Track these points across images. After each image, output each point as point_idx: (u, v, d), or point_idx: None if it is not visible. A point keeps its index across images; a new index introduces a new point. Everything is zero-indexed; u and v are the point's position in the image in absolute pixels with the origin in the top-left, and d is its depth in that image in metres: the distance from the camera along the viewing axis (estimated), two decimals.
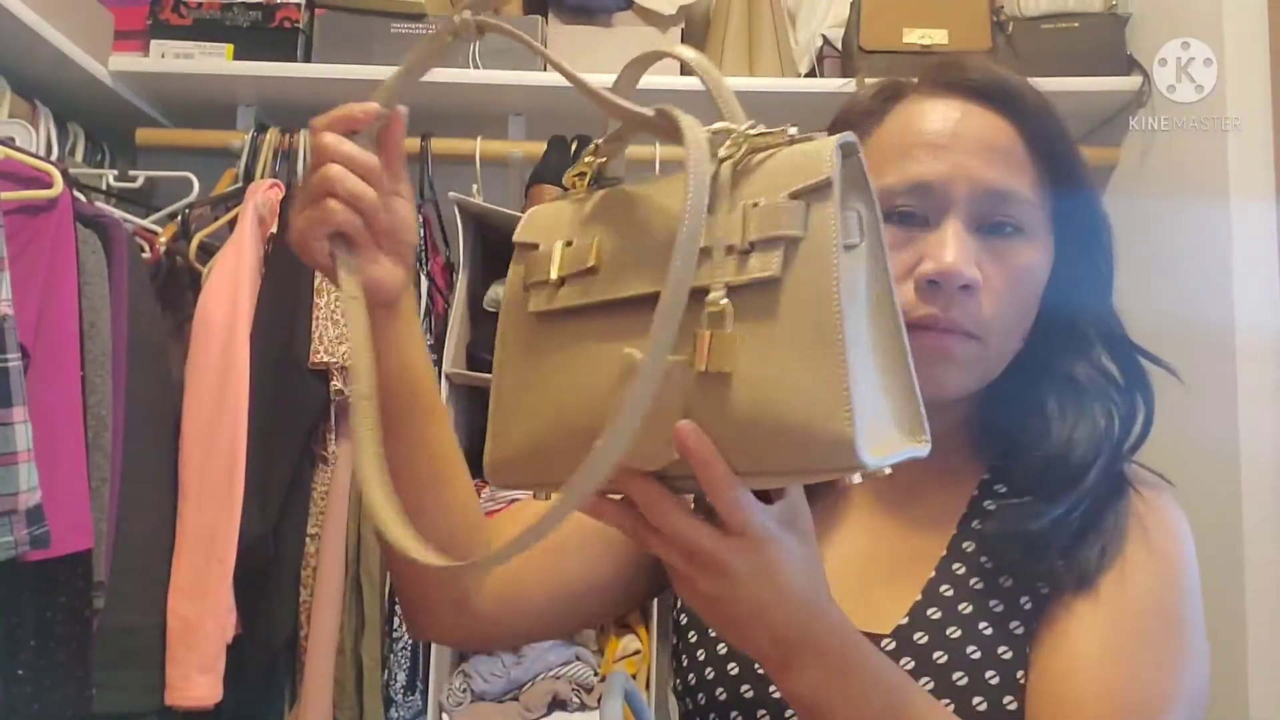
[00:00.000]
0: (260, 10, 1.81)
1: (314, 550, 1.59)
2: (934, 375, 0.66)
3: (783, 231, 0.49)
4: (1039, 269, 0.70)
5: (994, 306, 0.67)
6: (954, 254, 0.66)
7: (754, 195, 0.51)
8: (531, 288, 0.58)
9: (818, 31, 1.93)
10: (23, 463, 1.13)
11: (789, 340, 0.48)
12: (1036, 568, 0.67)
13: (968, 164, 0.68)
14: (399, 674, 1.59)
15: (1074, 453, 0.68)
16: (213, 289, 1.54)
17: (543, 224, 0.61)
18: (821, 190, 0.50)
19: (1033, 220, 0.69)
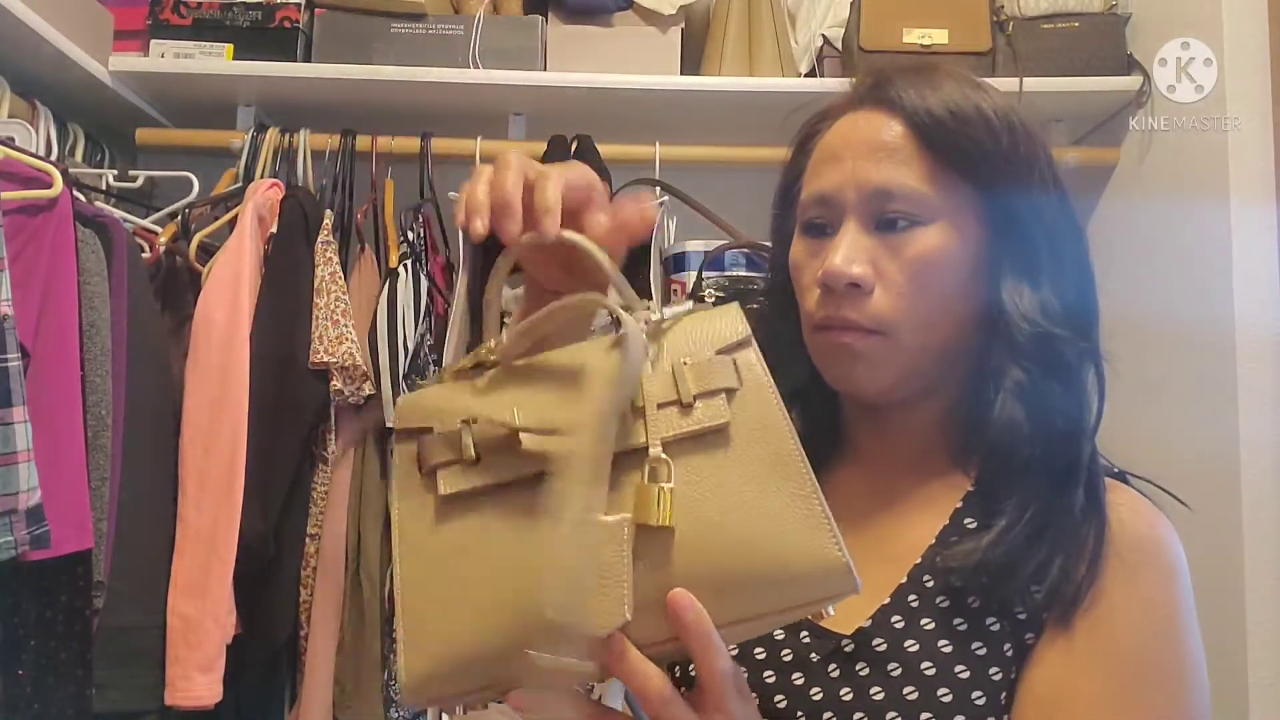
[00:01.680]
0: (260, 10, 1.81)
1: (314, 550, 1.60)
2: (842, 372, 0.70)
3: (721, 384, 0.53)
4: (943, 256, 0.69)
5: (895, 301, 0.68)
6: (839, 256, 0.68)
7: (679, 354, 0.54)
8: (439, 470, 0.54)
9: (818, 31, 1.93)
10: (23, 463, 1.13)
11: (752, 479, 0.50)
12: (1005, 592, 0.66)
13: (857, 167, 0.70)
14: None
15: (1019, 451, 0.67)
16: (213, 289, 1.54)
17: (425, 410, 0.57)
18: (742, 345, 0.55)
19: (930, 210, 0.69)
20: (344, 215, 1.76)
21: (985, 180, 0.70)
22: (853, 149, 0.71)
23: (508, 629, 0.50)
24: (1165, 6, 1.79)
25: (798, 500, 0.49)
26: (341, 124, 1.79)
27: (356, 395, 1.60)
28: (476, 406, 0.56)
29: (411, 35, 1.81)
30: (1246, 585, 1.47)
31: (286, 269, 1.60)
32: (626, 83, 1.81)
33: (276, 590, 1.54)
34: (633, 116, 1.90)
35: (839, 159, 0.72)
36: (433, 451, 0.55)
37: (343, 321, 1.59)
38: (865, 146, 0.71)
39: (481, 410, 0.55)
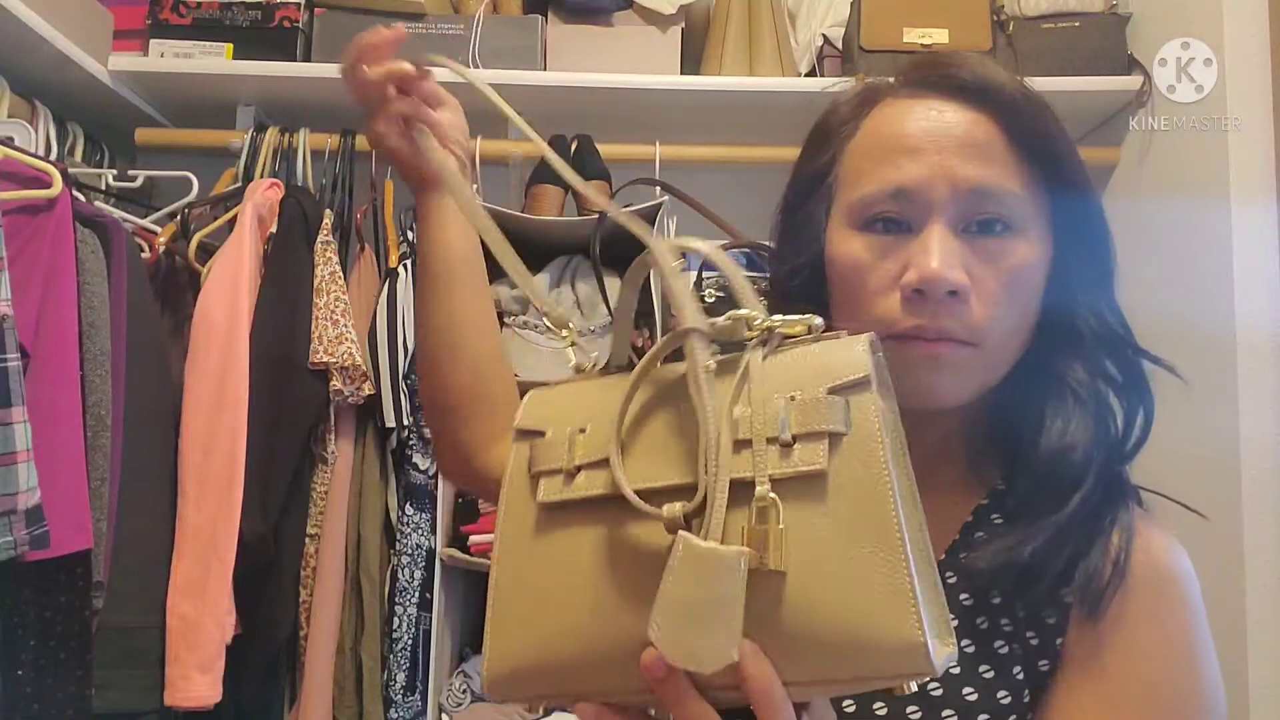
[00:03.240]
0: (259, 10, 1.81)
1: (314, 550, 1.60)
2: (928, 383, 0.64)
3: (827, 426, 0.48)
4: (1033, 267, 0.66)
5: (988, 310, 0.64)
6: (938, 259, 0.62)
7: (790, 387, 0.50)
8: (542, 476, 0.54)
9: (818, 31, 1.93)
10: (22, 463, 1.13)
11: (842, 537, 0.47)
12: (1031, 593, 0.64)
13: (947, 163, 0.65)
14: (399, 674, 1.59)
15: (1067, 461, 0.65)
16: (212, 289, 1.54)
17: (547, 410, 0.58)
18: (859, 386, 0.49)
19: (1023, 216, 0.66)
20: (344, 215, 1.76)
21: (1062, 185, 0.67)
22: (938, 141, 0.65)
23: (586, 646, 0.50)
24: (1165, 6, 1.79)
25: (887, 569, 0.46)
26: (341, 124, 1.79)
27: (356, 395, 1.60)
28: (593, 414, 0.55)
29: (411, 35, 1.80)
30: (1246, 585, 1.47)
31: (286, 269, 1.60)
32: (626, 83, 1.81)
33: (276, 590, 1.54)
34: (633, 116, 1.90)
35: (919, 150, 0.65)
36: (540, 456, 0.55)
37: (342, 321, 1.59)
38: (955, 141, 0.65)
39: (596, 419, 0.54)
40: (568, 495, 0.53)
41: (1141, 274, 1.70)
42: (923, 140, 0.66)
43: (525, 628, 0.53)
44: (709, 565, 0.46)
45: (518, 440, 0.57)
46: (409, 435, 1.65)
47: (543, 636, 0.52)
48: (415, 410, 1.65)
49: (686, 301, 0.53)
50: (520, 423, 0.58)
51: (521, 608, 0.53)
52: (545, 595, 0.52)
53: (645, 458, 0.52)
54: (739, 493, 0.48)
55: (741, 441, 0.49)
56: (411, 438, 1.65)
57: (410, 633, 1.61)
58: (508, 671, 0.53)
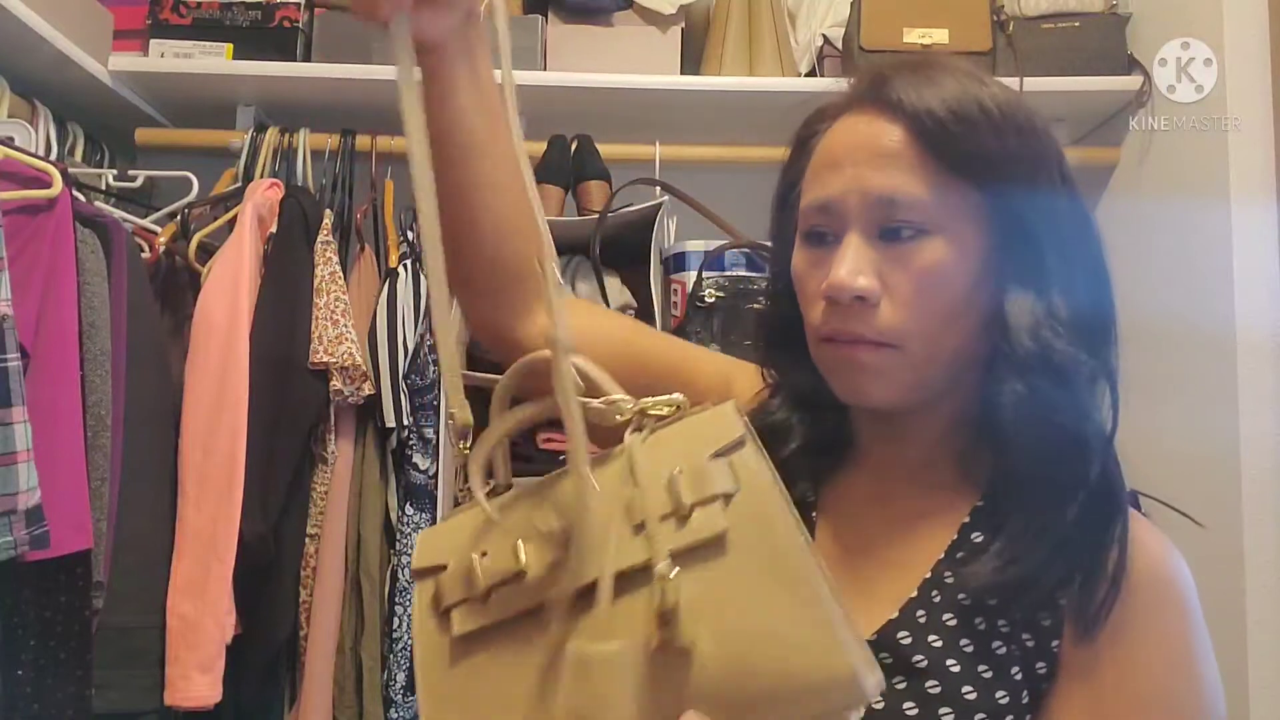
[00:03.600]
0: (259, 10, 1.81)
1: (314, 550, 1.60)
2: (850, 384, 0.68)
3: (719, 489, 0.50)
4: (950, 267, 0.67)
5: (902, 312, 0.66)
6: (845, 268, 0.66)
7: (674, 463, 0.51)
8: (453, 610, 0.54)
9: (818, 31, 1.93)
10: (22, 463, 1.13)
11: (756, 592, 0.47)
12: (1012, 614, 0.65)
13: (860, 174, 0.67)
14: (399, 674, 1.59)
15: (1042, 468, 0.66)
16: (212, 289, 1.54)
17: (441, 544, 0.57)
18: (737, 445, 0.51)
19: (935, 218, 0.66)
20: (344, 215, 1.76)
21: (990, 184, 0.67)
22: (853, 155, 0.69)
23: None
24: (1165, 6, 1.79)
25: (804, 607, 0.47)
26: (341, 124, 1.79)
27: (356, 395, 1.60)
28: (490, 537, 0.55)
29: None
30: (1246, 585, 1.47)
31: (286, 269, 1.60)
32: (626, 83, 1.81)
33: (276, 590, 1.54)
34: (633, 116, 1.90)
35: (839, 165, 0.69)
36: (446, 590, 0.55)
37: (342, 321, 1.59)
38: (866, 152, 0.68)
39: (492, 542, 0.55)
40: (484, 620, 0.53)
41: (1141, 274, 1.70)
42: (842, 154, 0.69)
43: None
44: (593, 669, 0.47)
45: (419, 579, 0.57)
46: (409, 435, 1.65)
47: None
48: (415, 410, 1.65)
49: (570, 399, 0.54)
50: (416, 563, 0.58)
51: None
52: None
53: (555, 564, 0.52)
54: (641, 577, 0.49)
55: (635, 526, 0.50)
56: (411, 438, 1.65)
57: (410, 633, 1.61)
58: None
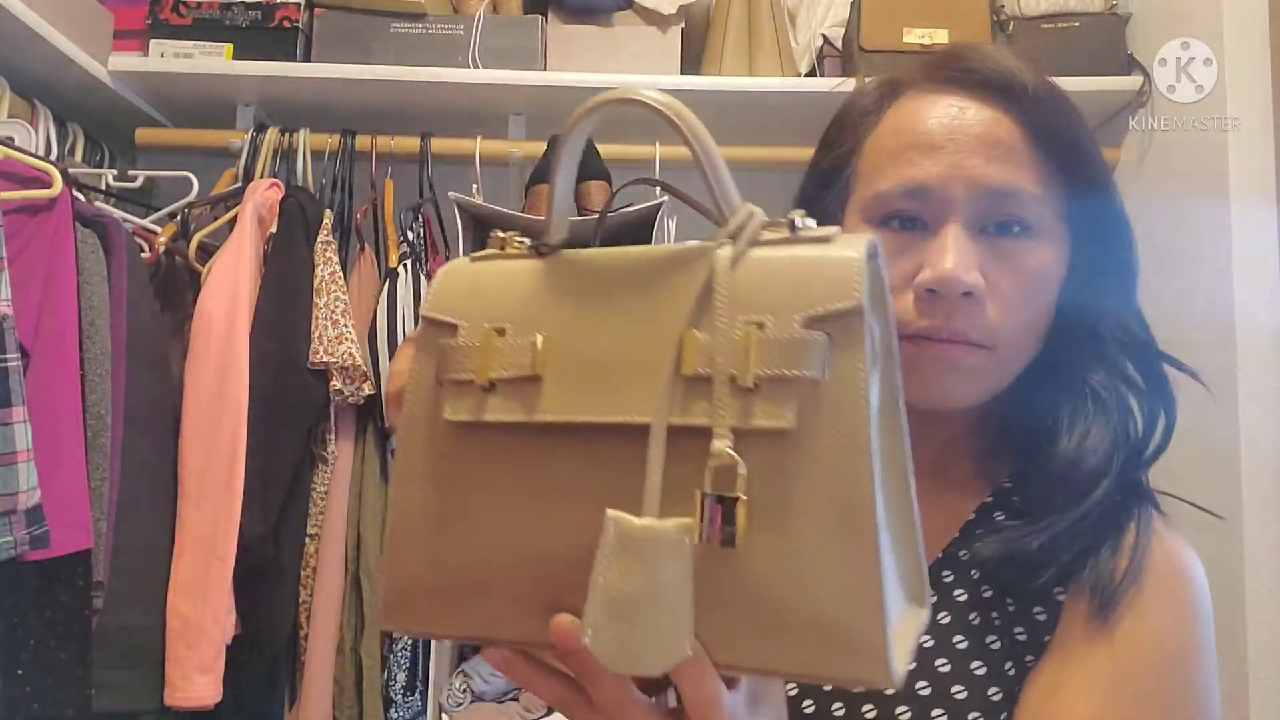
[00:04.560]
0: (260, 10, 1.81)
1: (314, 550, 1.60)
2: (940, 386, 0.63)
3: (798, 371, 0.39)
4: (1051, 270, 0.65)
5: (1003, 313, 0.63)
6: (953, 260, 0.61)
7: (757, 310, 0.40)
8: (449, 387, 0.45)
9: (818, 31, 1.93)
10: (22, 463, 1.13)
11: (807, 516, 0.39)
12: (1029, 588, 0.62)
13: (966, 162, 0.63)
14: (398, 674, 1.59)
15: (1085, 462, 0.63)
16: (212, 289, 1.54)
17: (464, 294, 0.47)
18: (847, 320, 0.39)
19: (1041, 218, 0.64)
20: (344, 215, 1.76)
21: (1083, 186, 0.66)
22: (956, 139, 0.64)
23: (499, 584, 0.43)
24: (1165, 6, 1.79)
25: (855, 564, 0.39)
26: (341, 124, 1.79)
27: (356, 395, 1.60)
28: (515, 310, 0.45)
29: (411, 35, 1.81)
30: (1246, 584, 1.47)
31: (286, 269, 1.60)
32: (626, 82, 1.80)
33: (276, 590, 1.54)
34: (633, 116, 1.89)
35: (937, 148, 0.64)
36: (449, 361, 0.45)
37: (342, 321, 1.59)
38: (975, 140, 0.64)
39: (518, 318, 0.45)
40: (478, 417, 0.44)
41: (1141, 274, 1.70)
42: (942, 138, 0.64)
43: (431, 551, 0.45)
44: (645, 548, 0.38)
45: (425, 334, 0.47)
46: None
47: (451, 564, 0.44)
48: None
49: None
50: (431, 308, 0.47)
51: (428, 529, 0.45)
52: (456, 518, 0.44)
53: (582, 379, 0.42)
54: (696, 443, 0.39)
55: (699, 378, 0.40)
56: None
57: None
58: (407, 596, 0.46)
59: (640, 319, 0.42)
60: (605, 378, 0.42)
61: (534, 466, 0.43)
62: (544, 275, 0.46)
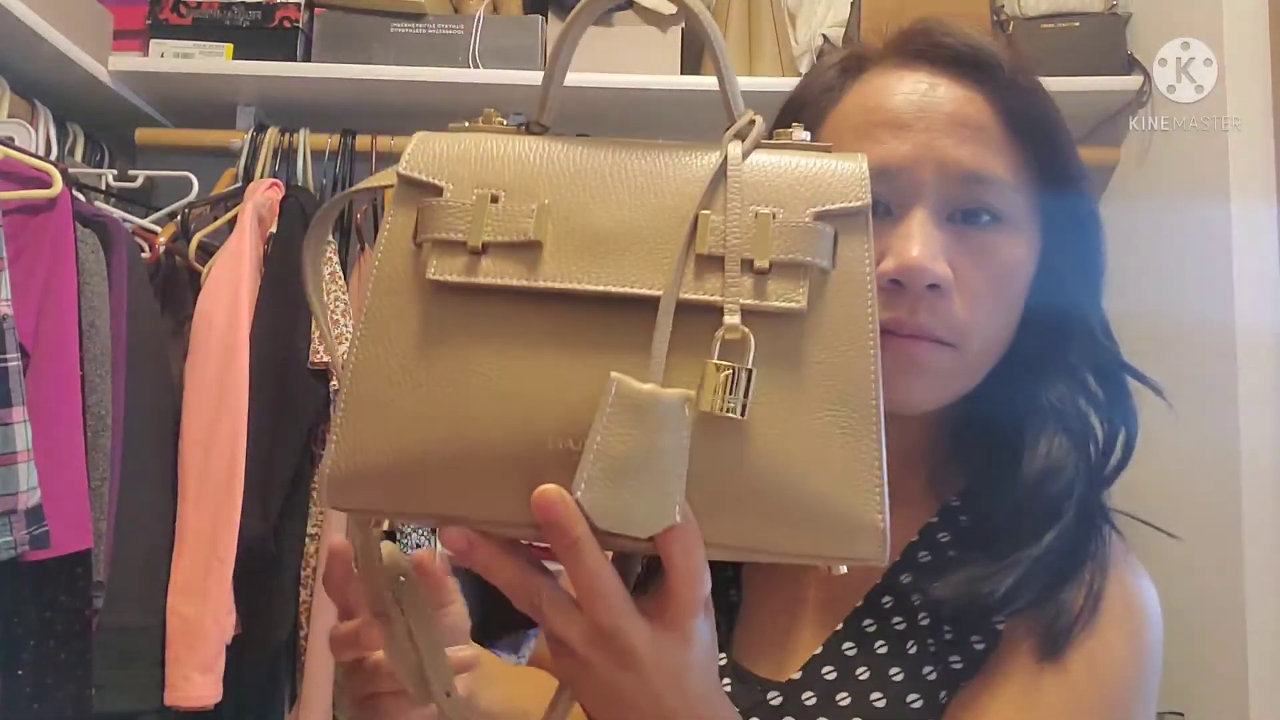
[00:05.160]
0: (260, 10, 1.81)
1: (314, 550, 1.59)
2: (902, 387, 0.57)
3: (809, 258, 0.41)
4: (1022, 265, 0.60)
5: (970, 308, 0.58)
6: (919, 248, 0.56)
7: (767, 202, 0.42)
8: (434, 246, 0.43)
9: (818, 31, 1.93)
10: (22, 463, 1.13)
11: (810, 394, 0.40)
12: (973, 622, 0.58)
13: (935, 143, 0.58)
14: None
15: (1050, 485, 0.58)
16: (212, 289, 1.54)
17: (449, 158, 0.45)
18: (854, 219, 0.42)
19: (1014, 208, 0.59)
20: (344, 215, 1.75)
21: (1056, 178, 0.61)
22: (925, 118, 0.59)
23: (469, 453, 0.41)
24: (1165, 6, 1.79)
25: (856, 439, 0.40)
26: (341, 124, 1.79)
27: None
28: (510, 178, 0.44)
29: (411, 35, 1.81)
30: (1246, 585, 1.47)
31: (286, 269, 1.60)
32: (626, 83, 1.81)
33: (276, 590, 1.54)
34: (632, 116, 1.90)
35: (905, 126, 0.59)
36: (433, 220, 0.43)
37: (342, 321, 1.59)
38: (946, 119, 0.59)
39: (513, 187, 0.44)
40: (468, 279, 0.42)
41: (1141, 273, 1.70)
42: (910, 116, 0.59)
43: (400, 418, 0.42)
44: (647, 411, 0.38)
45: (402, 188, 0.45)
46: None
47: (424, 433, 0.41)
48: None
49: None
50: (409, 167, 0.45)
51: (398, 395, 0.42)
52: (432, 384, 0.42)
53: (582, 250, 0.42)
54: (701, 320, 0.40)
55: (711, 258, 0.41)
56: None
57: None
58: (364, 469, 0.42)
59: (647, 198, 0.43)
60: (609, 250, 0.42)
61: (526, 334, 0.42)
62: (541, 150, 0.45)
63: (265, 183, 1.65)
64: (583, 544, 0.39)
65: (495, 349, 0.42)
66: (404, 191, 0.45)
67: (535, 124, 0.48)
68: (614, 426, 0.38)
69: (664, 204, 0.42)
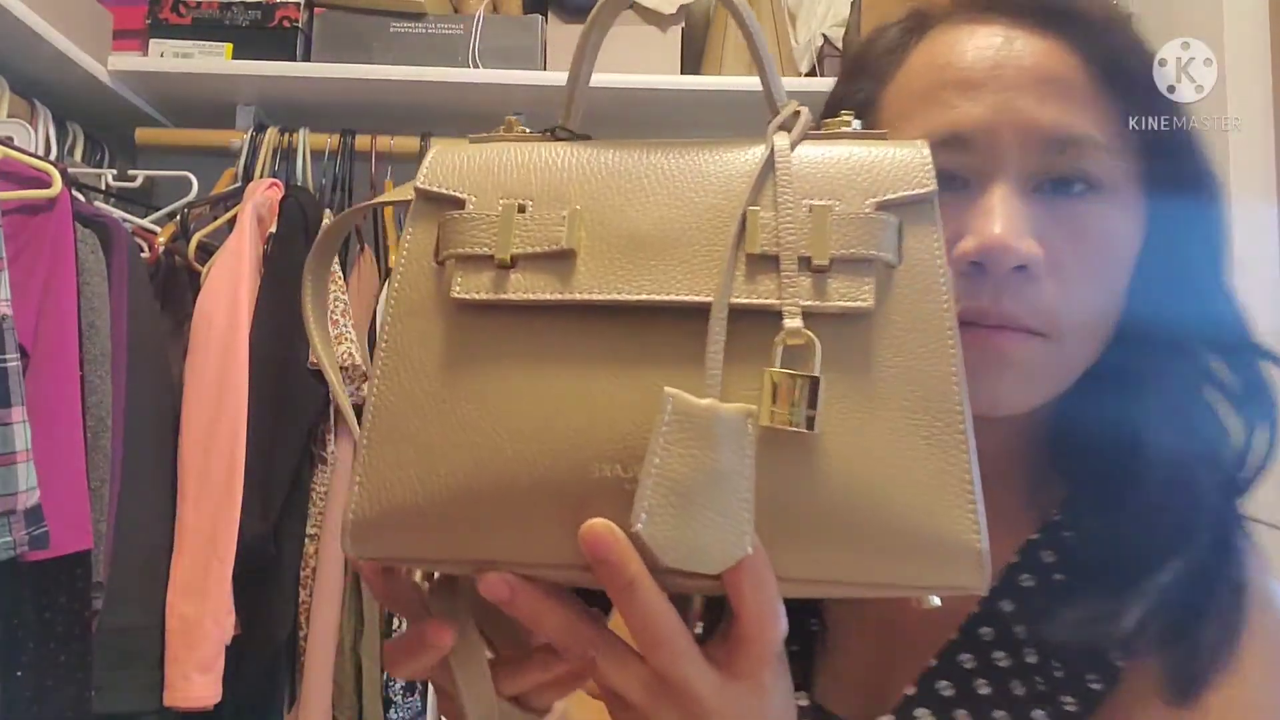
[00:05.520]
0: (259, 9, 1.81)
1: (314, 550, 1.59)
2: (988, 386, 0.50)
3: (874, 252, 0.37)
4: (1125, 237, 0.52)
5: (1065, 292, 0.50)
6: (1002, 224, 0.48)
7: (821, 195, 0.38)
8: (458, 263, 0.40)
9: (818, 31, 1.93)
10: (21, 463, 1.13)
11: (886, 403, 0.36)
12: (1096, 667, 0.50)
13: (1016, 103, 0.51)
14: None
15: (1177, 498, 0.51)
16: (212, 289, 1.54)
17: (470, 169, 0.42)
18: (919, 207, 0.38)
19: (1111, 173, 0.51)
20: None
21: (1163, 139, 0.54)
22: (1005, 76, 0.51)
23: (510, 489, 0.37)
24: (1165, 6, 1.79)
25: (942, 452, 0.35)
26: (341, 124, 1.79)
27: (356, 395, 1.60)
28: (538, 187, 0.41)
29: (411, 35, 1.81)
30: None
31: (286, 269, 1.60)
32: (626, 82, 1.80)
33: (276, 590, 1.54)
34: (633, 116, 1.90)
35: (978, 86, 0.51)
36: (456, 235, 0.40)
37: (342, 321, 1.59)
38: (1026, 75, 0.51)
39: (541, 195, 0.40)
40: (497, 296, 0.39)
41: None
42: (984, 74, 0.52)
43: (417, 453, 0.38)
44: (708, 430, 0.34)
45: (421, 204, 0.42)
46: None
47: (455, 468, 0.37)
48: None
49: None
50: (428, 181, 0.42)
51: (426, 425, 0.38)
52: (451, 415, 0.38)
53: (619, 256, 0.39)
54: (756, 326, 0.36)
55: (763, 257, 0.37)
56: None
57: None
58: (383, 511, 0.38)
59: (688, 197, 0.39)
60: (650, 255, 0.38)
61: (563, 352, 0.38)
62: (569, 155, 0.42)
63: (265, 182, 1.65)
64: (640, 584, 0.35)
65: (530, 371, 0.38)
66: (422, 207, 0.42)
67: (561, 129, 0.45)
68: (673, 448, 0.34)
69: (707, 202, 0.39)
